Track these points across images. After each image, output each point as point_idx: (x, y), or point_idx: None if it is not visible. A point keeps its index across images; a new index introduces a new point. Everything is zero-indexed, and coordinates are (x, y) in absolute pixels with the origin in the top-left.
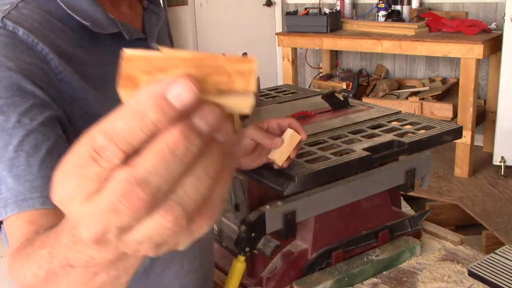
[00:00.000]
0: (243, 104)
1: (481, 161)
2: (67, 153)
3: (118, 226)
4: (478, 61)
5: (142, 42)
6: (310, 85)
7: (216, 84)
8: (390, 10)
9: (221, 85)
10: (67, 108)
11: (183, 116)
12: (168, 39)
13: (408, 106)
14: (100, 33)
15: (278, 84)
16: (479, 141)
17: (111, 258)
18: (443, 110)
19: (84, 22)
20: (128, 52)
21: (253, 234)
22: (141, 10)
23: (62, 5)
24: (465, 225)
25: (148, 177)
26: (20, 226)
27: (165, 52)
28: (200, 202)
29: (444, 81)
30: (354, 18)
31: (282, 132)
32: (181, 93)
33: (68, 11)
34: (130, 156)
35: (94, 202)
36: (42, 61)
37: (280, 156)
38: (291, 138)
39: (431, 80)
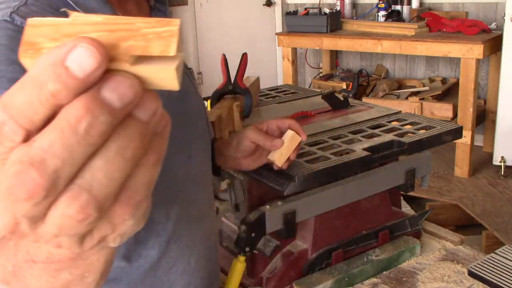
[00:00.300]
0: (165, 73)
1: (481, 161)
2: None
3: (25, 215)
4: (478, 61)
5: None
6: (310, 85)
7: (129, 49)
8: (390, 10)
9: (135, 50)
10: None
11: (89, 87)
12: None
13: (408, 106)
14: None
15: (278, 84)
16: (479, 141)
17: (69, 255)
18: (443, 110)
19: None
20: (33, 19)
21: (253, 234)
22: (148, 9)
23: (71, 3)
24: (465, 225)
25: (45, 157)
26: None
27: (75, 17)
28: (114, 188)
29: (444, 81)
30: (354, 18)
31: (281, 133)
32: (82, 59)
33: (77, 9)
34: (35, 133)
35: None
36: None
37: (280, 157)
38: (291, 140)
39: (431, 80)
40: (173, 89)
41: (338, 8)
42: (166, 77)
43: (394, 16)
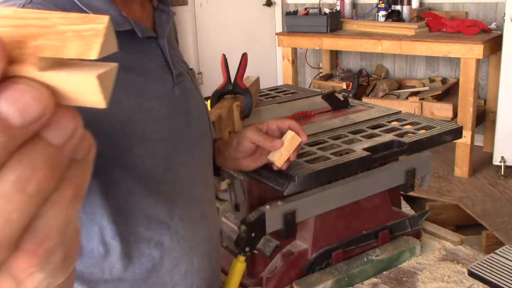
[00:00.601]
0: (84, 84)
1: (481, 161)
2: None
3: None
4: (478, 61)
5: (153, 40)
6: (310, 85)
7: (37, 50)
8: (390, 10)
9: (45, 51)
10: None
11: None
12: (175, 39)
13: (408, 106)
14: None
15: (278, 84)
16: (479, 141)
17: None
18: (443, 110)
19: None
20: None
21: (253, 234)
22: (151, 9)
23: (76, 1)
24: (465, 225)
25: None
26: None
27: None
28: (12, 233)
29: (444, 81)
30: (354, 18)
31: (282, 133)
32: None
33: (83, 8)
34: None
35: None
36: None
37: (279, 157)
38: (291, 140)
39: (431, 80)
40: (98, 106)
41: (338, 8)
42: (86, 89)
43: (394, 16)
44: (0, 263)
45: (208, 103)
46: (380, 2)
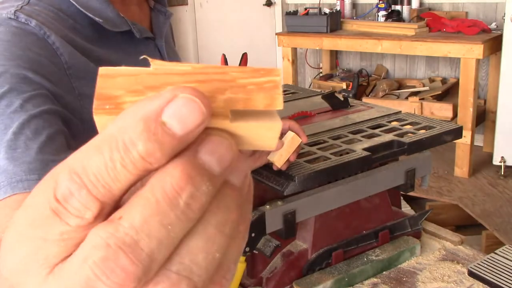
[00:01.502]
0: (269, 131)
1: (481, 161)
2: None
3: None
4: (478, 61)
5: (151, 41)
6: (310, 85)
7: (228, 103)
8: (390, 10)
9: (236, 104)
10: (77, 104)
11: (185, 148)
12: (172, 40)
13: (408, 106)
14: (111, 31)
15: None
16: (479, 141)
17: None
18: (443, 110)
19: (97, 19)
20: (105, 68)
21: (253, 234)
22: (148, 10)
23: (73, 3)
24: (465, 225)
25: (138, 238)
26: (7, 214)
27: (157, 65)
28: (213, 271)
29: (444, 81)
30: (354, 18)
31: (281, 134)
32: (183, 113)
33: (80, 9)
34: (109, 209)
35: (60, 276)
36: (53, 54)
37: (279, 158)
38: (291, 141)
39: (431, 80)
40: (269, 149)
41: (338, 8)
42: (265, 136)
43: (394, 16)
44: None
45: None
46: (380, 2)
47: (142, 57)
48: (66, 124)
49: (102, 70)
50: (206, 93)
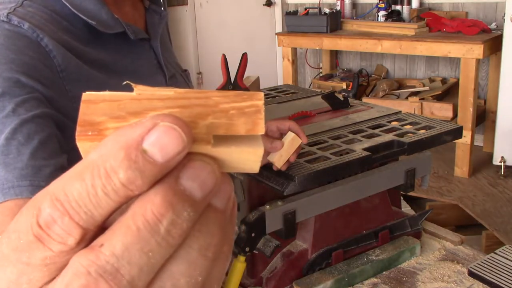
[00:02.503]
0: (251, 156)
1: (481, 161)
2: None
3: None
4: (478, 61)
5: (145, 42)
6: (310, 85)
7: (210, 128)
8: (390, 10)
9: (218, 129)
10: (70, 106)
11: (166, 175)
12: (168, 40)
13: (408, 106)
14: (105, 32)
15: (278, 84)
16: (479, 141)
17: None
18: (443, 110)
19: (90, 21)
20: (88, 94)
21: (253, 234)
22: (143, 11)
23: (67, 4)
24: (465, 225)
25: (119, 266)
26: (1, 220)
27: (140, 91)
28: None
29: (444, 81)
30: (354, 18)
31: (281, 134)
32: (163, 141)
33: (74, 11)
34: (92, 234)
35: None
36: (46, 57)
37: (279, 158)
38: (291, 142)
39: (431, 80)
40: (252, 172)
41: (338, 8)
42: (248, 160)
43: (394, 16)
44: None
45: None
46: (380, 2)
47: (124, 82)
48: (60, 127)
49: (85, 96)
50: (188, 119)
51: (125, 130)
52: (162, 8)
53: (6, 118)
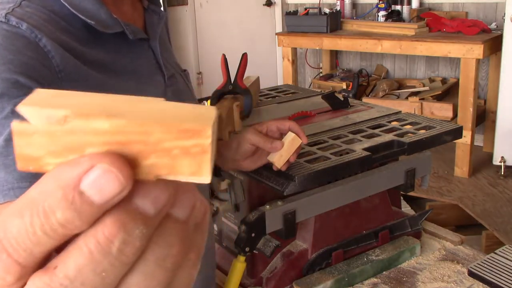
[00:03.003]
0: (195, 179)
1: (481, 161)
2: None
3: None
4: (478, 61)
5: (144, 42)
6: (310, 85)
7: (152, 168)
8: (390, 10)
9: (160, 170)
10: None
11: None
12: (168, 40)
13: (408, 106)
14: (104, 32)
15: (278, 84)
16: (479, 141)
17: None
18: (443, 110)
19: (89, 21)
20: (17, 124)
21: (253, 234)
22: (142, 11)
23: (66, 4)
24: (465, 225)
25: (74, 286)
26: None
27: (71, 121)
28: None
29: (444, 81)
30: (354, 18)
31: (281, 135)
32: (101, 183)
33: (73, 10)
34: (32, 270)
35: None
36: (44, 57)
37: (279, 158)
38: (292, 142)
39: (431, 80)
40: (203, 183)
41: (338, 8)
42: (198, 180)
43: (394, 16)
44: None
45: (208, 103)
46: (380, 2)
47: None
48: None
49: (15, 126)
50: (128, 157)
51: (63, 168)
52: (162, 9)
53: (5, 120)
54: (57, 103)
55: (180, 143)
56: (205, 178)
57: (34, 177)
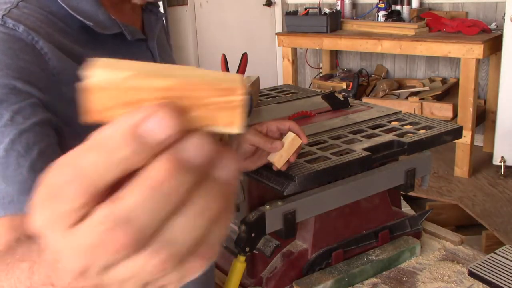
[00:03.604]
0: (230, 130)
1: (481, 161)
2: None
3: (100, 264)
4: (478, 61)
5: (142, 42)
6: (310, 85)
7: (196, 120)
8: (390, 10)
9: (203, 121)
10: (66, 109)
11: (171, 145)
12: (166, 40)
13: (408, 106)
14: (102, 33)
15: (278, 84)
16: (479, 141)
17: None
18: (443, 110)
19: (87, 22)
20: (89, 82)
21: (253, 234)
22: (140, 11)
23: (63, 5)
24: (465, 225)
25: (132, 216)
26: (1, 232)
27: (134, 80)
28: (193, 245)
29: (444, 81)
30: (354, 18)
31: (281, 135)
32: (157, 127)
33: (70, 12)
34: (97, 199)
35: (74, 236)
36: (41, 60)
37: (279, 159)
38: (292, 142)
39: (431, 80)
40: (236, 132)
41: (338, 8)
42: (231, 130)
43: (394, 16)
44: (181, 265)
45: None
46: (380, 2)
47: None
48: (57, 131)
49: (86, 84)
50: (178, 109)
51: (126, 117)
52: (162, 9)
53: (5, 128)
54: (119, 66)
55: (219, 99)
56: (237, 128)
57: (33, 189)
